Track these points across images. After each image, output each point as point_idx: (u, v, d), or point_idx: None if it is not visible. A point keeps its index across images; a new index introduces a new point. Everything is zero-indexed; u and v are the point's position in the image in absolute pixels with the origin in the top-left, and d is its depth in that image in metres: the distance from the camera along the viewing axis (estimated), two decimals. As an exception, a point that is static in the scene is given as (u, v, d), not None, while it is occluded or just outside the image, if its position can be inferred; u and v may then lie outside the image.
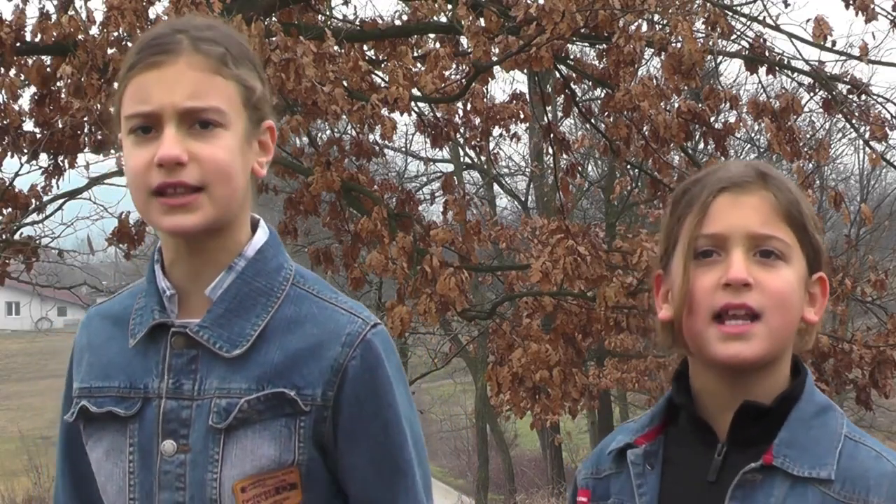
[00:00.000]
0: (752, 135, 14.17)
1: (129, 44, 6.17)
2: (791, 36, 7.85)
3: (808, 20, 7.47)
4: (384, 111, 6.70)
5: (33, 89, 7.06)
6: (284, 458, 1.60)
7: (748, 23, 8.25)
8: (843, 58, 8.49)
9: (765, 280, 1.49)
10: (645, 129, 7.66)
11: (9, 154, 7.24)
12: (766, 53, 7.82)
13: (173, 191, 1.56)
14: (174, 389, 1.62)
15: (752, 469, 1.49)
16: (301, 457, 1.60)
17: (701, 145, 9.46)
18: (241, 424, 1.59)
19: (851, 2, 7.53)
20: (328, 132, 10.91)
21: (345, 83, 6.67)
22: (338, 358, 1.61)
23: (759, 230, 1.51)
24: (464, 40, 7.85)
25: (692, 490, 1.54)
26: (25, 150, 7.24)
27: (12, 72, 6.94)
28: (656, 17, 7.98)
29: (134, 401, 1.64)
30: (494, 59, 7.23)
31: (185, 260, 1.65)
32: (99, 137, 7.32)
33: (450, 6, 7.56)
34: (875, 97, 7.96)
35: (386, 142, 9.38)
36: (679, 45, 6.97)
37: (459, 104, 8.58)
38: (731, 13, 8.09)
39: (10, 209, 7.79)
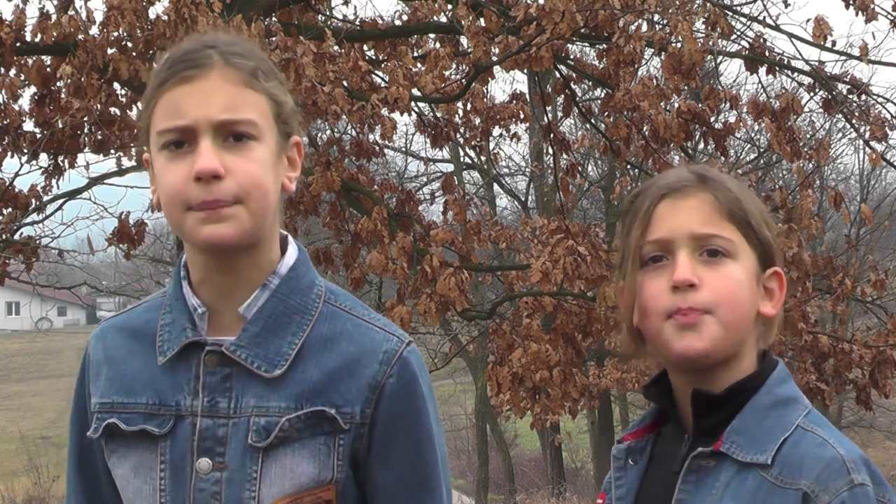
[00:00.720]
0: (752, 135, 14.19)
1: (129, 44, 6.17)
2: (791, 36, 7.85)
3: (808, 20, 7.48)
4: (384, 111, 6.70)
5: (33, 89, 7.07)
6: (324, 475, 1.60)
7: (748, 23, 8.26)
8: (843, 58, 8.50)
9: (710, 279, 1.53)
10: (645, 129, 7.66)
11: (9, 154, 7.25)
12: (766, 53, 7.81)
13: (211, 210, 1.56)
14: (210, 407, 1.61)
15: (701, 454, 1.54)
16: (339, 474, 1.61)
17: (701, 145, 9.46)
18: (281, 443, 1.59)
19: (851, 2, 7.54)
20: (328, 132, 10.91)
21: (345, 83, 6.67)
22: (375, 376, 1.61)
23: (701, 230, 1.55)
24: (464, 40, 7.86)
25: (660, 481, 1.59)
26: (25, 150, 7.24)
27: (12, 72, 6.94)
28: (656, 17, 7.98)
29: (166, 418, 1.62)
30: (494, 59, 7.23)
31: (215, 278, 1.64)
32: (99, 137, 7.32)
33: (450, 6, 7.56)
34: (875, 97, 7.96)
35: (386, 142, 9.38)
36: (679, 45, 6.97)
37: (459, 104, 8.58)
38: (731, 13, 8.09)
39: (10, 209, 7.79)
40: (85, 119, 6.95)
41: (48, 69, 6.77)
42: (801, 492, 1.47)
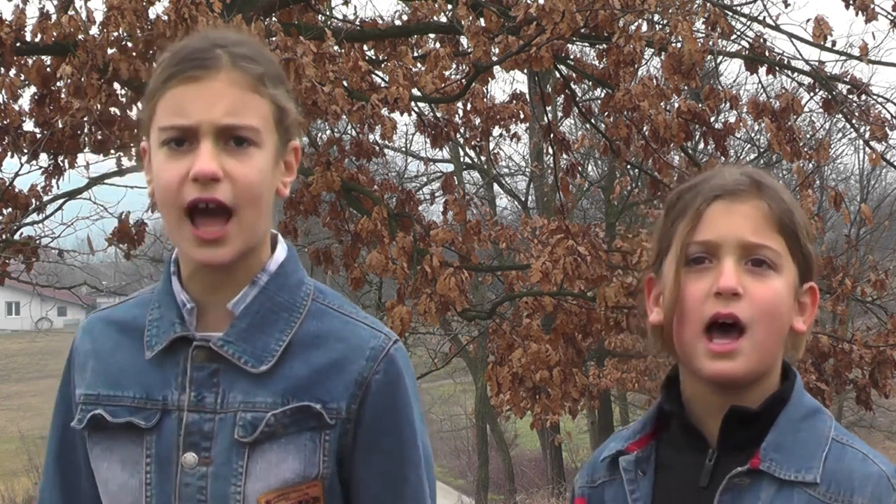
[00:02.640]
0: (752, 135, 14.19)
1: (129, 44, 6.18)
2: (791, 36, 7.85)
3: (808, 20, 7.48)
4: (384, 111, 6.71)
5: (33, 89, 7.06)
6: (309, 471, 1.60)
7: (748, 23, 8.26)
8: (843, 58, 8.50)
9: (754, 290, 1.50)
10: (645, 129, 7.66)
11: (9, 154, 7.24)
12: (766, 53, 7.81)
13: (205, 206, 1.56)
14: (196, 402, 1.61)
15: (739, 473, 1.50)
16: (325, 470, 1.61)
17: (701, 145, 9.46)
18: (267, 438, 1.59)
19: (851, 2, 7.54)
20: (328, 132, 10.91)
21: (345, 83, 6.67)
22: (362, 372, 1.62)
23: (751, 239, 1.52)
24: (464, 40, 7.86)
25: (684, 496, 1.55)
26: (25, 150, 7.24)
27: (12, 72, 6.94)
28: (656, 17, 7.98)
29: (152, 412, 1.62)
30: (494, 59, 7.23)
31: (205, 274, 1.64)
32: (99, 137, 7.31)
33: (450, 6, 7.56)
34: (875, 97, 7.96)
35: (386, 142, 9.38)
36: (679, 45, 6.97)
37: (459, 104, 8.58)
38: (731, 13, 8.09)
39: (10, 209, 7.79)
40: (85, 119, 6.95)
41: (48, 69, 6.77)
42: None
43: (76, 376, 1.71)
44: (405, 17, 8.30)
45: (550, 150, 9.00)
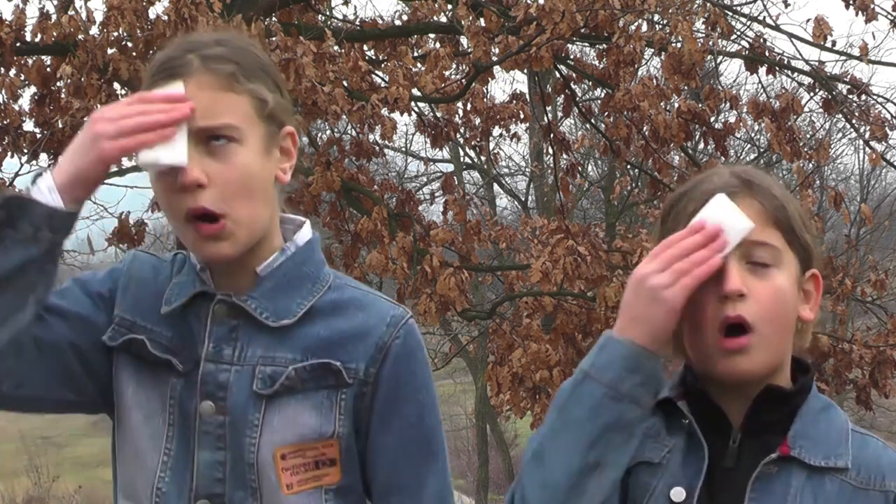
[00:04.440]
0: (752, 135, 14.17)
1: (129, 44, 6.18)
2: (791, 36, 7.85)
3: (808, 20, 7.47)
4: (384, 111, 6.71)
5: (33, 89, 7.06)
6: (325, 428, 1.63)
7: (748, 23, 8.26)
8: (843, 58, 8.50)
9: (758, 288, 1.53)
10: (645, 129, 7.66)
11: (9, 154, 7.24)
12: (766, 53, 7.81)
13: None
14: (214, 353, 1.65)
15: (770, 461, 1.52)
16: (341, 429, 1.64)
17: (701, 145, 9.46)
18: (286, 391, 1.62)
19: (851, 2, 7.53)
20: (328, 132, 10.91)
21: (345, 83, 6.67)
22: (382, 336, 1.66)
23: (750, 238, 1.54)
24: (464, 40, 7.86)
25: (711, 474, 1.55)
26: (25, 150, 7.24)
27: (12, 72, 6.94)
28: (656, 17, 7.98)
29: (188, 359, 1.66)
30: (494, 59, 7.23)
31: (215, 268, 1.69)
32: (99, 137, 7.30)
33: (450, 6, 7.56)
34: (875, 97, 7.95)
35: (386, 142, 9.38)
36: (679, 45, 6.97)
37: (459, 104, 8.58)
38: (731, 13, 8.09)
39: (10, 209, 7.77)
40: (85, 119, 6.95)
41: (48, 69, 6.77)
42: (890, 493, 1.51)
43: (119, 294, 1.72)
44: (405, 17, 8.30)
45: (550, 150, 9.00)
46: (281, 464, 1.61)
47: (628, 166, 9.86)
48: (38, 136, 7.27)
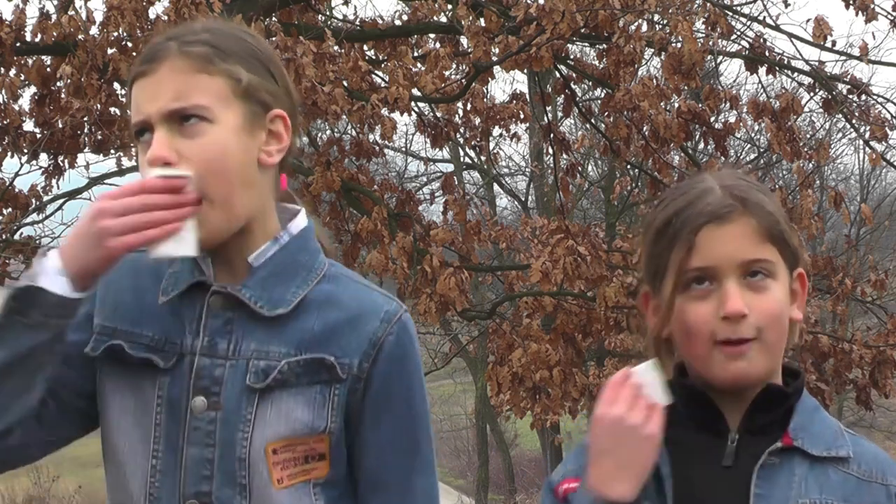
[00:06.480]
0: (752, 135, 14.18)
1: (129, 44, 6.18)
2: (791, 36, 7.85)
3: (808, 20, 7.46)
4: (384, 111, 6.71)
5: (33, 89, 7.06)
6: (317, 424, 1.63)
7: (748, 23, 8.25)
8: (843, 58, 8.50)
9: (758, 305, 1.54)
10: (645, 129, 7.66)
11: (9, 154, 7.25)
12: (766, 53, 7.81)
13: None
14: (209, 347, 1.64)
15: (773, 450, 1.54)
16: (332, 425, 1.63)
17: (701, 145, 9.46)
18: (279, 386, 1.62)
19: (851, 2, 7.53)
20: (328, 132, 10.91)
21: (345, 83, 6.67)
22: (376, 332, 1.65)
23: (748, 257, 1.55)
24: (464, 40, 7.85)
25: (706, 474, 1.56)
26: (25, 150, 7.24)
27: (12, 72, 6.94)
28: (656, 17, 7.98)
29: (169, 354, 1.64)
30: (494, 59, 7.23)
31: (214, 255, 1.68)
32: (99, 137, 7.32)
33: (450, 6, 7.56)
34: (875, 97, 7.95)
35: (386, 142, 9.38)
36: (679, 45, 6.97)
37: (459, 104, 8.58)
38: (731, 13, 8.08)
39: (10, 209, 7.79)
40: (85, 119, 6.95)
41: (48, 69, 6.77)
42: (892, 487, 1.54)
43: (97, 304, 1.71)
44: (405, 17, 8.29)
45: (550, 150, 8.99)
46: (272, 458, 1.60)
47: (628, 166, 9.86)
48: (38, 136, 7.27)
